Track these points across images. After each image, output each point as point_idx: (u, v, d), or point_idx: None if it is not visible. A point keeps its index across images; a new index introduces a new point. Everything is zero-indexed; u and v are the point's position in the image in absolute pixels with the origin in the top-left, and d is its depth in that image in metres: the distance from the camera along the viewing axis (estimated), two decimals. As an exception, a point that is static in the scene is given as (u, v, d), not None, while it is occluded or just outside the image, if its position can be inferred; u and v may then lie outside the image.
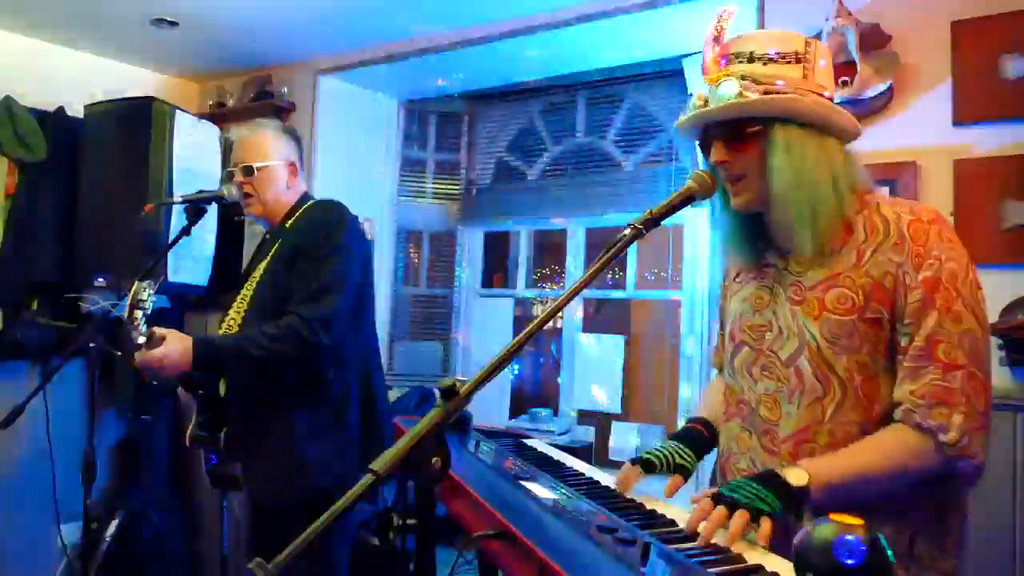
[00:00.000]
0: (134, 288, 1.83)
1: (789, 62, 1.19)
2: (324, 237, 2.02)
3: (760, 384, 1.26)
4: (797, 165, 1.17)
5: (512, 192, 4.23)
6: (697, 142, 1.30)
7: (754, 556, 0.97)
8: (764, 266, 1.31)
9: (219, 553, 2.69)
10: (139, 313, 1.83)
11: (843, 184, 1.20)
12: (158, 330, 1.86)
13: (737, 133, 1.21)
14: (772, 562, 0.95)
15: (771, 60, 1.19)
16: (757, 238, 1.31)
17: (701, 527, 1.05)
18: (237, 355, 1.90)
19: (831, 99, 1.23)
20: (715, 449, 1.42)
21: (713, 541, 1.02)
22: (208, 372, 1.96)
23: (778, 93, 1.18)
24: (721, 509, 1.05)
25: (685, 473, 1.32)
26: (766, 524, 1.03)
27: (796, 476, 1.08)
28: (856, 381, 1.16)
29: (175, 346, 1.85)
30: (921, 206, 1.21)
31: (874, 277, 1.16)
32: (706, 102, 1.22)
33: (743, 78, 1.18)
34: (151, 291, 1.86)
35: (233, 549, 2.77)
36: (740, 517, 1.03)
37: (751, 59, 1.19)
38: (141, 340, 1.82)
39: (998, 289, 2.22)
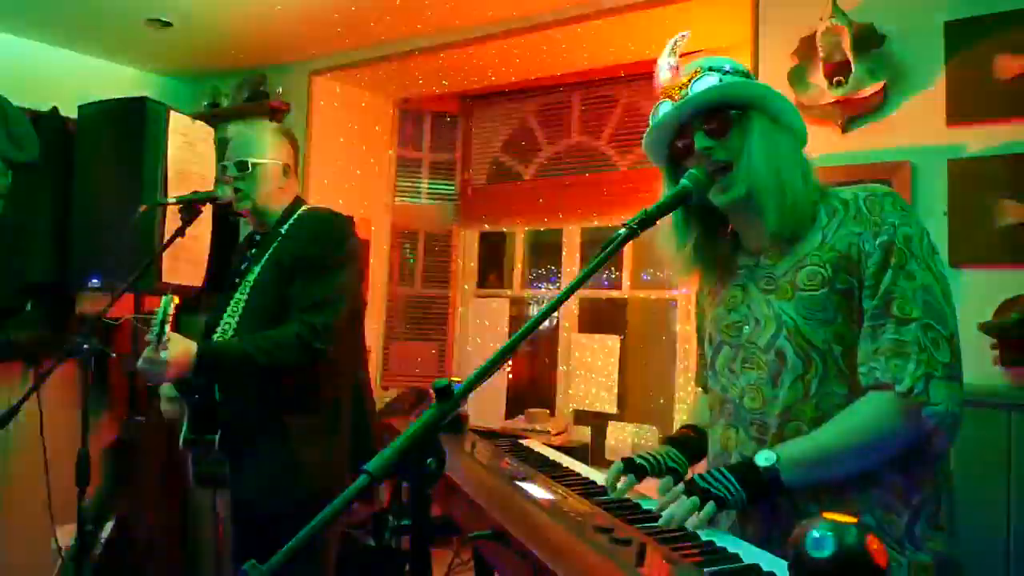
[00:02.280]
0: (163, 303, 1.80)
1: (743, 76, 1.27)
2: (330, 248, 2.05)
3: (742, 377, 1.28)
4: (772, 150, 1.23)
5: (507, 192, 4.24)
6: (664, 158, 1.33)
7: (750, 555, 0.97)
8: (735, 270, 1.34)
9: (213, 555, 2.68)
10: (167, 327, 1.81)
11: (809, 176, 1.26)
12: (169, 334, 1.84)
13: (719, 120, 1.25)
14: (768, 561, 0.95)
15: (727, 73, 1.26)
16: (724, 250, 1.35)
17: (669, 514, 1.10)
18: (243, 362, 1.89)
19: None
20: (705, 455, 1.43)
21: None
22: (209, 376, 1.95)
23: None
24: (694, 499, 1.11)
25: (676, 476, 1.33)
26: (707, 507, 1.09)
27: (764, 458, 1.13)
28: (836, 352, 1.19)
29: (180, 350, 1.83)
30: (873, 184, 1.27)
31: (839, 250, 1.20)
32: (684, 99, 1.25)
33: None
34: (175, 303, 1.84)
35: (227, 550, 2.77)
36: (690, 503, 1.10)
37: (710, 71, 1.26)
38: (164, 353, 1.80)
39: (992, 289, 2.23)
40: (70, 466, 2.38)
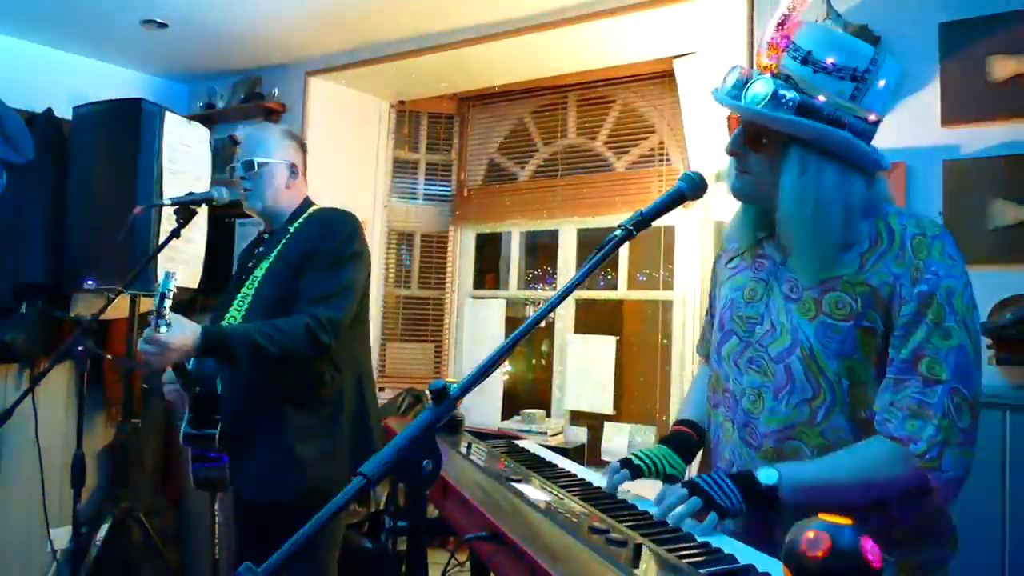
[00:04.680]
0: (163, 278, 1.77)
1: (843, 78, 1.16)
2: (340, 243, 2.06)
3: (745, 377, 1.27)
4: (809, 189, 1.16)
5: (503, 193, 4.24)
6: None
7: (745, 556, 0.98)
8: (761, 256, 1.32)
9: (209, 556, 2.67)
10: (168, 303, 1.78)
11: (855, 212, 1.18)
12: (170, 315, 1.80)
13: (754, 137, 1.22)
14: (763, 562, 0.95)
15: (823, 69, 1.16)
16: (761, 223, 1.32)
17: (667, 507, 1.13)
18: (249, 347, 1.87)
19: (877, 122, 1.21)
20: (703, 448, 1.44)
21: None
22: (214, 360, 1.92)
23: (811, 110, 1.15)
24: (682, 492, 1.13)
25: (674, 482, 1.33)
26: (710, 518, 1.09)
27: (767, 475, 1.13)
28: (844, 385, 1.17)
29: (181, 329, 1.80)
30: (928, 220, 1.20)
31: (873, 286, 1.16)
32: (746, 84, 1.21)
33: (787, 79, 1.17)
34: (175, 279, 1.80)
35: (223, 552, 2.76)
36: (692, 503, 1.11)
37: (805, 60, 1.17)
38: (164, 329, 1.75)
39: (986, 289, 2.23)
40: (65, 468, 2.38)
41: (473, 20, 3.46)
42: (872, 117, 1.20)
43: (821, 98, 1.16)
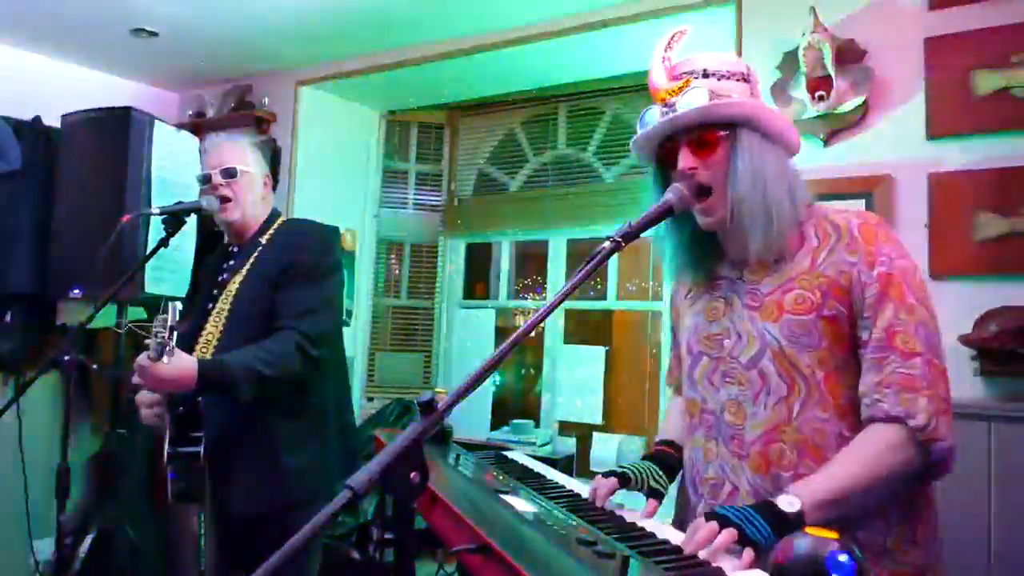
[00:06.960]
0: (172, 309, 1.76)
1: (738, 80, 1.25)
2: (320, 256, 2.07)
3: (723, 391, 1.27)
4: (758, 171, 1.21)
5: (494, 203, 4.25)
6: (652, 159, 1.31)
7: (733, 567, 0.98)
8: (716, 279, 1.33)
9: (195, 569, 2.65)
10: (174, 335, 1.77)
11: (796, 193, 1.24)
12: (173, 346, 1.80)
13: (704, 139, 1.23)
14: (751, 574, 0.95)
15: (724, 76, 1.24)
16: (709, 254, 1.32)
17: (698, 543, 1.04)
18: (247, 376, 1.86)
19: None
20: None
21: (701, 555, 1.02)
22: (213, 392, 1.92)
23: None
24: (712, 525, 1.04)
25: (659, 496, 1.33)
26: (748, 554, 1.00)
27: (788, 503, 1.08)
28: (819, 376, 1.19)
29: (182, 365, 1.80)
30: (865, 212, 1.27)
31: (830, 276, 1.20)
32: (670, 108, 1.23)
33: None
34: (180, 308, 1.80)
35: (209, 564, 2.73)
36: (728, 534, 1.02)
37: (705, 75, 1.24)
38: (166, 360, 1.75)
39: (972, 300, 2.25)
40: (49, 478, 2.36)
41: (463, 31, 3.47)
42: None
43: (735, 96, 1.23)
